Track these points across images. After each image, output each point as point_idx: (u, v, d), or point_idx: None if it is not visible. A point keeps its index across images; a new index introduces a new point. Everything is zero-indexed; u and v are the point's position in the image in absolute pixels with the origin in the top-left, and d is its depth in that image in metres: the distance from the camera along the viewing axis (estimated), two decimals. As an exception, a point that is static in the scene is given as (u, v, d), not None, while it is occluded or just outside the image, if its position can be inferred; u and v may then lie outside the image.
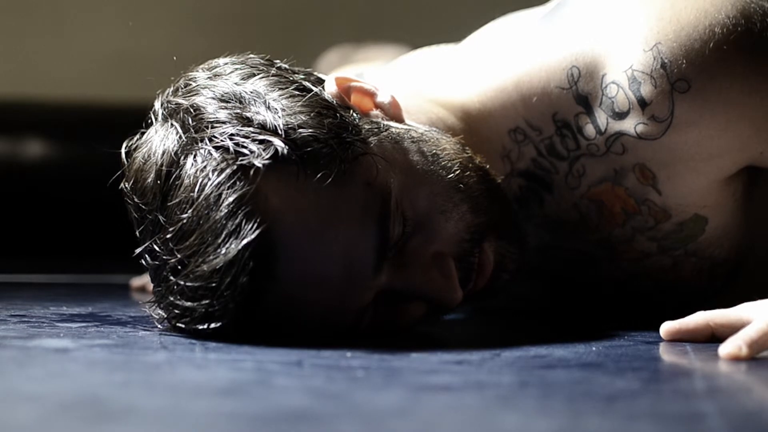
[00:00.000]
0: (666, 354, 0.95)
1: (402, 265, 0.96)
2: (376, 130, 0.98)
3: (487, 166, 1.04)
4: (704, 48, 0.99)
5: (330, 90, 0.99)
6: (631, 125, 1.02)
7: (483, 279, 1.01)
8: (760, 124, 1.01)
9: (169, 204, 0.92)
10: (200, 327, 0.93)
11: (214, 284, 0.90)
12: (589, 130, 1.04)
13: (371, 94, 1.02)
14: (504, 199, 1.05)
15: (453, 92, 1.10)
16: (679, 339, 0.97)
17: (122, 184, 0.97)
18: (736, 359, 0.88)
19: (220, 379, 0.81)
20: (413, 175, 0.98)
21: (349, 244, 0.93)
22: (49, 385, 0.77)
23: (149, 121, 0.99)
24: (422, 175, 0.99)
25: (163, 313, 0.95)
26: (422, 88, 1.12)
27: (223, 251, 0.89)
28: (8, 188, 2.16)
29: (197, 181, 0.91)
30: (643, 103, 1.01)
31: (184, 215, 0.91)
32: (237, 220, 0.89)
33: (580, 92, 1.04)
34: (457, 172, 1.00)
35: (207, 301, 0.91)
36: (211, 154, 0.91)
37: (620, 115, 1.02)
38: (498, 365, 0.88)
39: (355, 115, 0.98)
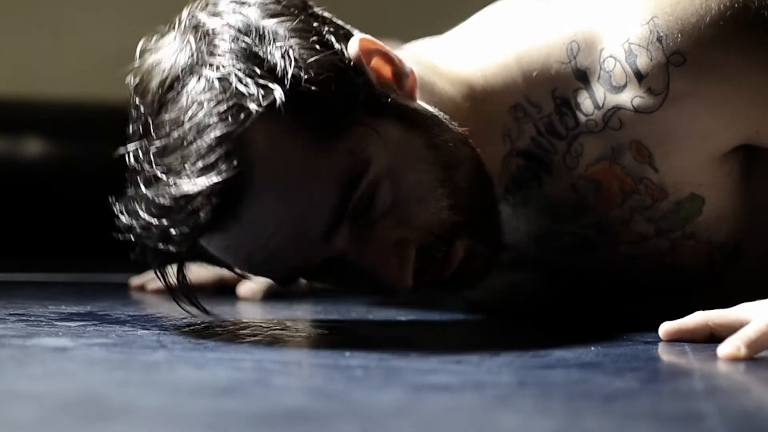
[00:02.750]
0: (665, 354, 0.95)
1: (365, 240, 0.98)
2: (384, 102, 0.99)
3: (485, 165, 1.05)
4: (700, 22, 1.00)
5: (352, 49, 0.99)
6: (628, 98, 1.03)
7: (447, 272, 1.02)
8: (755, 101, 1.02)
9: (162, 117, 0.94)
10: (155, 246, 0.94)
11: (178, 208, 0.92)
12: (587, 105, 1.05)
13: (393, 63, 1.02)
14: (491, 199, 1.06)
15: (458, 67, 1.10)
16: (678, 339, 0.97)
17: (129, 77, 0.99)
18: (734, 359, 0.88)
19: (219, 378, 0.81)
20: (403, 159, 0.98)
21: (312, 205, 0.95)
22: (47, 384, 0.77)
23: (170, 25, 1.00)
24: (413, 161, 0.99)
25: (126, 221, 0.95)
26: (432, 62, 1.12)
27: (195, 180, 0.91)
28: (7, 187, 2.16)
29: (192, 106, 0.93)
30: (639, 76, 1.01)
31: (172, 133, 0.93)
32: (216, 155, 0.91)
33: (579, 67, 1.04)
34: (451, 168, 1.01)
35: (167, 222, 0.92)
36: (214, 84, 0.93)
37: (617, 89, 1.03)
38: (497, 365, 0.88)
39: (369, 82, 0.99)
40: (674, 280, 1.14)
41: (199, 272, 1.47)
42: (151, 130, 0.94)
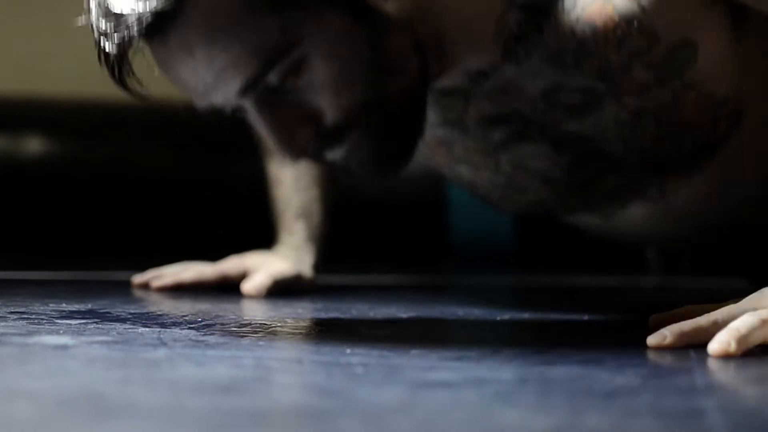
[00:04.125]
0: (666, 350, 0.95)
1: (273, 106, 1.03)
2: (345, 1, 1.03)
3: (428, 82, 1.09)
4: None
5: None
6: None
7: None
8: None
9: None
10: (99, 46, 1.02)
11: (118, 8, 0.99)
12: None
13: None
14: (415, 119, 1.09)
15: None
16: (686, 345, 0.95)
17: None
18: (726, 356, 0.87)
19: (219, 375, 0.81)
20: (335, 49, 1.02)
21: (232, 63, 1.00)
22: (48, 382, 0.77)
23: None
24: (344, 54, 1.03)
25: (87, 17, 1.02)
26: None
27: None
28: (8, 185, 2.16)
29: None
30: None
31: None
32: None
33: None
34: (386, 74, 1.05)
35: (111, 25, 1.00)
36: None
37: None
38: (497, 361, 0.88)
39: None
40: (681, 138, 1.19)
41: (202, 270, 1.47)
42: None
